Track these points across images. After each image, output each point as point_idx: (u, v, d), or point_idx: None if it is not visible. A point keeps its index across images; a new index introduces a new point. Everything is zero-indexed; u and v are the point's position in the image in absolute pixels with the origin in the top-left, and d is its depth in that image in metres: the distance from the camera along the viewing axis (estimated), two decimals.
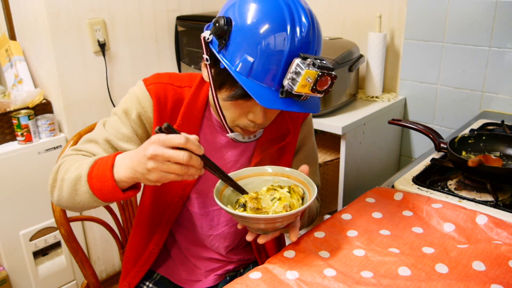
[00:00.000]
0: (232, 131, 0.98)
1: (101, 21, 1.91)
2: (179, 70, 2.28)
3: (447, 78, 1.87)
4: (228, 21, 0.84)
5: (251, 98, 0.87)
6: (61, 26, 1.79)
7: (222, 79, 0.89)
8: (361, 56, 1.88)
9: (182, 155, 0.76)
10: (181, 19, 2.16)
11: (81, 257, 1.18)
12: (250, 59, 0.83)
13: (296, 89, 0.81)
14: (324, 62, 0.82)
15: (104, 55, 1.94)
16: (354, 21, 2.07)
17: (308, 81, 0.81)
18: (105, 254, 2.18)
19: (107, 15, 1.93)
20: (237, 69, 0.84)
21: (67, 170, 0.91)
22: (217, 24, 0.85)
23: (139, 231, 1.15)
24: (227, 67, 0.85)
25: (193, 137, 0.78)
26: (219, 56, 0.86)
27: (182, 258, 1.17)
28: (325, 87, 0.83)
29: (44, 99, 1.92)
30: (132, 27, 2.03)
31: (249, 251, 1.20)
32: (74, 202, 0.90)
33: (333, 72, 0.83)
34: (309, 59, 0.81)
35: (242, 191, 0.94)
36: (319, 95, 0.84)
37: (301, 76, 0.80)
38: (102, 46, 1.92)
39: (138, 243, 1.15)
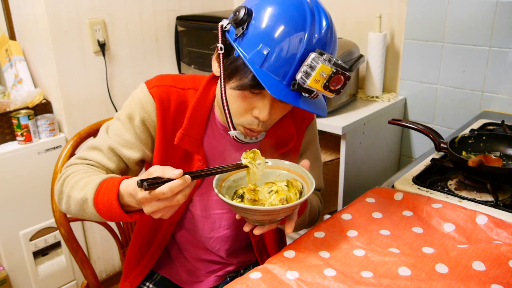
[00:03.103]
0: (235, 129, 0.96)
1: (101, 21, 1.91)
2: (179, 70, 2.28)
3: (447, 78, 1.87)
4: (249, 12, 0.84)
5: (259, 91, 0.87)
6: (61, 26, 1.79)
7: (234, 68, 0.88)
8: (361, 56, 1.88)
9: (179, 200, 0.78)
10: (181, 19, 2.16)
11: (81, 257, 1.18)
12: (265, 50, 0.82)
13: (309, 82, 0.81)
14: (340, 62, 0.82)
15: (104, 55, 1.94)
16: (354, 21, 2.06)
17: (322, 76, 0.81)
18: (105, 254, 2.18)
19: (107, 15, 1.93)
20: (251, 59, 0.84)
21: (72, 187, 0.93)
22: (237, 13, 0.85)
23: (142, 232, 1.15)
24: (241, 55, 0.85)
25: (177, 171, 0.78)
26: (234, 45, 0.86)
27: (182, 259, 1.17)
28: (338, 87, 0.83)
29: (44, 99, 1.92)
30: (132, 27, 2.03)
31: (250, 253, 1.20)
32: (83, 217, 0.96)
33: (347, 72, 0.82)
34: (325, 55, 0.81)
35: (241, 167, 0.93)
36: (329, 94, 0.84)
37: (315, 70, 0.80)
38: (102, 46, 1.92)
39: (140, 244, 1.15)
